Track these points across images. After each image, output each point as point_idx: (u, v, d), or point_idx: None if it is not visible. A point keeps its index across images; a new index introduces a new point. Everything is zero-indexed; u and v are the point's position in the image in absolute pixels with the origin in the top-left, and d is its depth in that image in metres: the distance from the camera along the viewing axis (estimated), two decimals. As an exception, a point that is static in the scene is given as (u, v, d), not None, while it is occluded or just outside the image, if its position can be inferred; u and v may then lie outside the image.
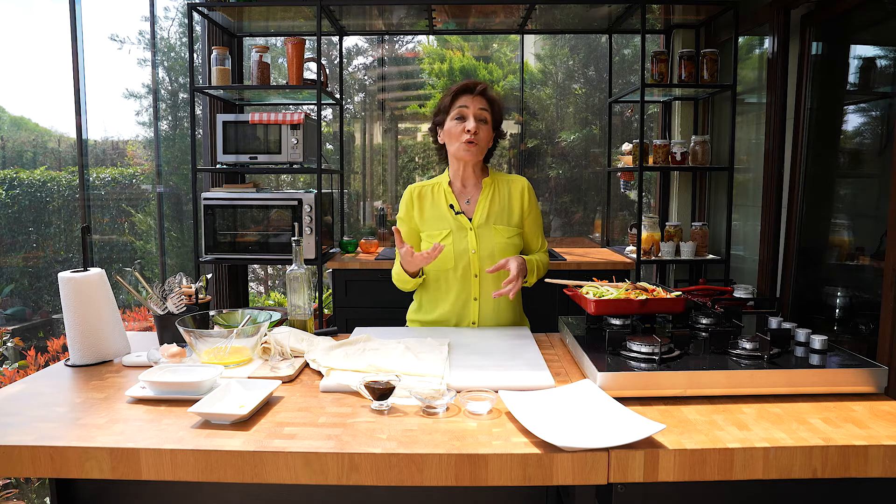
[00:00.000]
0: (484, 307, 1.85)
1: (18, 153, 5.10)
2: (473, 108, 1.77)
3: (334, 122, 4.25)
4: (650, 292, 1.58)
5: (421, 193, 1.89)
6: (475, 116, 1.77)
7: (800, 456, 1.00)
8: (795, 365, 1.27)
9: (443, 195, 1.87)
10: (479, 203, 1.86)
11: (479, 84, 1.80)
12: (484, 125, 1.79)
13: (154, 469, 1.02)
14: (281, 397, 1.25)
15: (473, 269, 1.83)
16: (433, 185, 1.90)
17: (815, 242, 2.65)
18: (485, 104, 1.79)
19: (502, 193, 1.87)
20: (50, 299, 4.91)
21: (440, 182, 1.91)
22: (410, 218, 1.89)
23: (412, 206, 1.88)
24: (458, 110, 1.78)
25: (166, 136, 4.71)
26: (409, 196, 1.90)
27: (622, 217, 4.18)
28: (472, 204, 1.87)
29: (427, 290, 1.91)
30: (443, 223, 1.85)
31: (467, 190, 1.89)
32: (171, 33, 4.77)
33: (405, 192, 1.91)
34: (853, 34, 2.50)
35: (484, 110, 1.78)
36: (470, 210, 1.87)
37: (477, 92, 1.78)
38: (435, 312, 1.88)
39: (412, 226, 1.90)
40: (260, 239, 3.18)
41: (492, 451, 1.00)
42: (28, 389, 1.31)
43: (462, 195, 1.89)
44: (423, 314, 1.92)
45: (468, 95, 1.79)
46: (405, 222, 1.90)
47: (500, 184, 1.89)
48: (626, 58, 4.18)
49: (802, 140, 2.65)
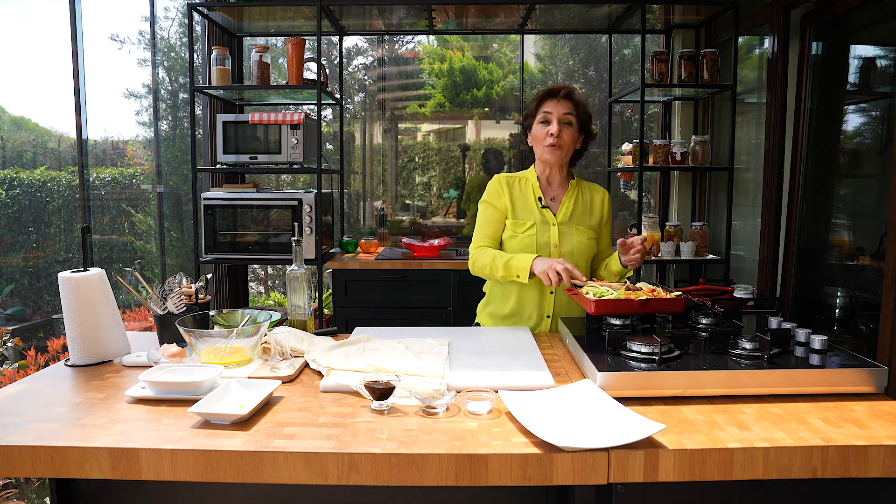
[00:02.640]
0: (559, 300, 1.88)
1: (18, 153, 5.11)
2: (557, 112, 1.84)
3: (334, 122, 4.25)
4: (650, 292, 1.58)
5: (510, 182, 1.94)
6: (559, 120, 1.83)
7: (800, 456, 1.00)
8: (795, 365, 1.27)
9: (530, 188, 1.93)
10: (564, 202, 1.92)
11: (562, 88, 1.86)
12: (568, 128, 1.85)
13: (154, 469, 1.02)
14: (281, 397, 1.25)
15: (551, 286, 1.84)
16: (520, 178, 1.96)
17: (815, 242, 2.65)
18: (569, 108, 1.84)
19: (585, 198, 1.95)
20: (50, 299, 4.91)
21: (527, 176, 1.96)
22: (501, 202, 1.92)
23: (503, 191, 1.92)
24: (543, 115, 1.86)
25: (166, 136, 4.71)
26: (499, 182, 1.94)
27: (622, 217, 4.18)
28: (556, 201, 1.94)
29: (501, 282, 1.93)
30: (529, 214, 1.90)
31: (552, 188, 1.95)
32: (171, 33, 4.77)
33: (493, 179, 1.97)
34: (853, 34, 2.50)
35: (568, 114, 1.84)
36: (554, 206, 1.93)
37: (561, 96, 1.85)
38: (509, 305, 1.91)
39: (500, 208, 1.92)
40: (260, 239, 3.18)
41: (492, 451, 1.00)
42: (28, 389, 1.31)
43: (548, 192, 1.95)
44: (494, 307, 1.96)
45: (552, 100, 1.85)
46: (492, 206, 1.93)
47: (583, 189, 1.97)
48: (626, 58, 4.18)
49: (802, 140, 2.65)
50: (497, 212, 1.93)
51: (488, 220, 1.94)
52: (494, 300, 1.97)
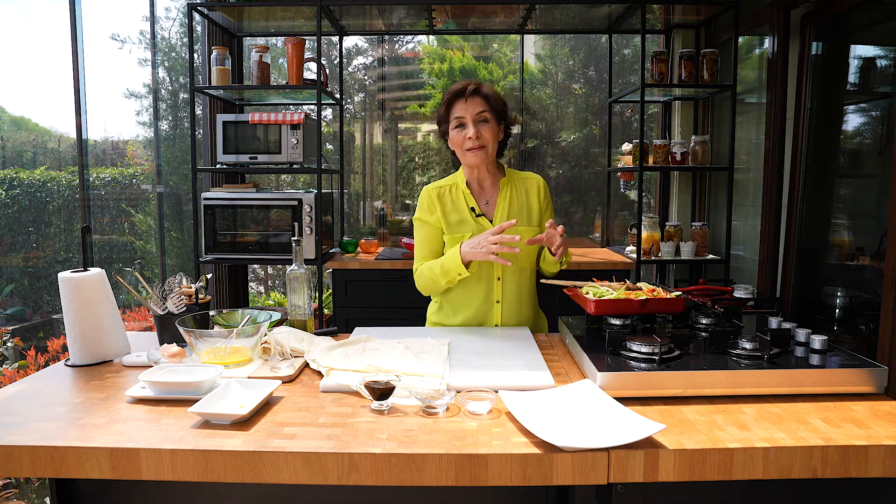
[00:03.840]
0: (506, 310, 1.84)
1: (18, 153, 5.10)
2: (469, 112, 1.75)
3: (334, 122, 4.25)
4: (650, 292, 1.58)
5: (440, 194, 1.85)
6: (473, 121, 1.75)
7: (800, 456, 1.00)
8: (795, 365, 1.27)
9: (462, 197, 1.84)
10: (499, 204, 1.84)
11: (468, 86, 1.76)
12: (485, 125, 1.76)
13: (154, 469, 1.02)
14: (281, 397, 1.25)
15: (496, 272, 1.82)
16: (450, 186, 1.87)
17: (815, 242, 2.65)
18: (481, 105, 1.75)
19: (520, 193, 1.85)
20: (50, 299, 4.91)
21: (457, 182, 1.87)
22: (434, 218, 1.84)
23: (434, 206, 1.84)
24: (456, 120, 1.77)
25: (166, 136, 4.71)
26: (429, 197, 1.85)
27: (622, 217, 4.18)
28: (490, 205, 1.85)
29: (448, 293, 1.88)
30: (464, 226, 1.83)
31: (485, 191, 1.87)
32: (171, 33, 4.77)
33: (423, 192, 1.88)
34: (853, 34, 2.50)
35: (482, 112, 1.75)
36: (489, 211, 1.85)
37: (468, 95, 1.75)
38: (458, 317, 1.86)
39: (435, 225, 1.85)
40: (260, 239, 3.18)
41: (492, 451, 1.00)
42: (28, 389, 1.31)
43: (480, 196, 1.86)
44: (444, 317, 1.90)
45: (461, 101, 1.76)
46: (427, 223, 1.86)
47: (516, 183, 1.87)
48: (626, 58, 4.17)
49: (802, 140, 2.65)
50: (432, 228, 1.85)
51: (424, 239, 1.86)
52: (444, 309, 1.90)
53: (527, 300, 1.88)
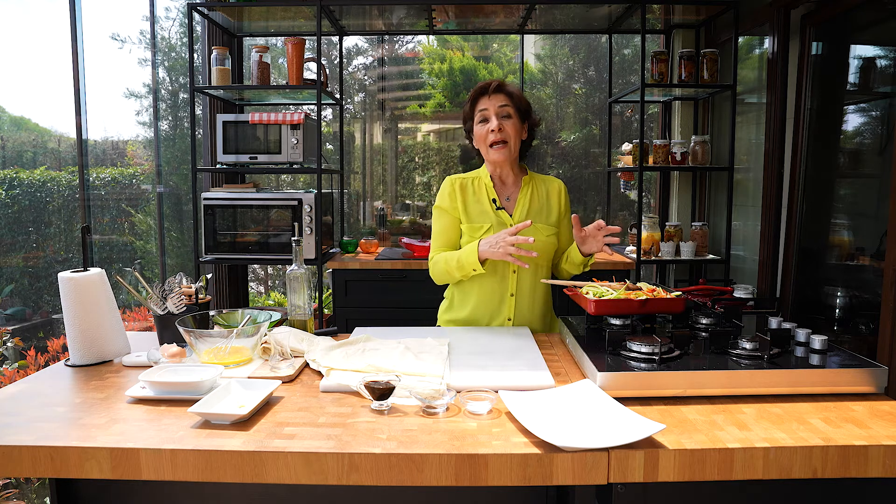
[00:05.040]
0: (520, 304, 1.85)
1: (18, 153, 5.10)
2: (493, 107, 1.79)
3: (334, 122, 4.25)
4: (650, 292, 1.58)
5: (462, 185, 1.88)
6: (497, 114, 1.79)
7: (800, 456, 1.00)
8: (795, 365, 1.27)
9: (484, 189, 1.88)
10: (519, 201, 1.87)
11: (492, 83, 1.81)
12: (508, 120, 1.80)
13: (154, 469, 1.02)
14: (281, 397, 1.25)
15: (512, 266, 1.83)
16: (473, 178, 1.90)
17: (815, 242, 2.65)
18: (504, 100, 1.80)
19: (541, 193, 1.89)
20: (50, 299, 4.91)
21: (480, 176, 1.90)
22: (454, 208, 1.87)
23: (455, 196, 1.87)
24: (480, 114, 1.82)
25: (166, 136, 4.71)
26: (451, 187, 1.88)
27: (622, 217, 4.18)
28: (511, 201, 1.89)
29: (461, 286, 1.90)
30: (484, 217, 1.85)
31: (507, 187, 1.90)
32: (171, 33, 4.77)
33: (445, 182, 1.90)
34: (853, 34, 2.50)
35: (505, 106, 1.79)
36: (510, 206, 1.88)
37: (492, 90, 1.80)
38: (468, 308, 1.88)
39: (454, 216, 1.87)
40: (260, 239, 3.18)
41: (492, 451, 1.00)
42: (28, 389, 1.31)
43: (502, 191, 1.90)
44: (454, 312, 1.92)
45: (485, 97, 1.81)
46: (446, 212, 1.88)
47: (538, 183, 1.91)
48: (626, 58, 4.17)
49: (802, 140, 2.65)
50: (451, 218, 1.88)
51: (443, 229, 1.89)
52: (454, 304, 1.92)
53: (540, 297, 1.89)
